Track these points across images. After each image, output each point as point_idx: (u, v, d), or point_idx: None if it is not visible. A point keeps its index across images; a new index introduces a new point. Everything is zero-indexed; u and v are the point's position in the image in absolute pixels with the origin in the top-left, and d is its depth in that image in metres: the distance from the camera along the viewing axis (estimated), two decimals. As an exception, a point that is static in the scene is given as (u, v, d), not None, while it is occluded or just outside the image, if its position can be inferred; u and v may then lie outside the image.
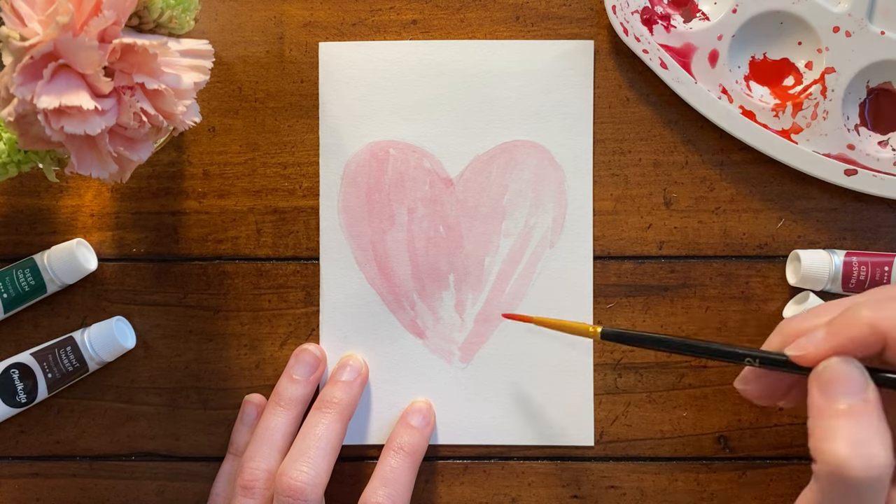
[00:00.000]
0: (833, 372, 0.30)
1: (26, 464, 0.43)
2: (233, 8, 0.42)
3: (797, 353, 0.31)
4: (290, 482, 0.36)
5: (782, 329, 0.34)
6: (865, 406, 0.29)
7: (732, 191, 0.42)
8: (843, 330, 0.30)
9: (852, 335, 0.30)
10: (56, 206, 0.42)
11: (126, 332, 0.42)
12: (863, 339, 0.29)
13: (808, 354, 0.31)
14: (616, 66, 0.42)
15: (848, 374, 0.29)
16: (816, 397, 0.30)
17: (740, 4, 0.40)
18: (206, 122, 0.42)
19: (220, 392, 0.42)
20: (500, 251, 0.42)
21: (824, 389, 0.30)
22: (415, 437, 0.40)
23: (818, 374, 0.30)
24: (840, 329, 0.30)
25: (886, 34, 0.40)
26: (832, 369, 0.30)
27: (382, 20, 0.42)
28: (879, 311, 0.29)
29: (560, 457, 0.42)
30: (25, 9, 0.30)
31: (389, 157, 0.42)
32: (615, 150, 0.42)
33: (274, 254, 0.42)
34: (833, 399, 0.29)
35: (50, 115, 0.29)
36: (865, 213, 0.42)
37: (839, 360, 0.30)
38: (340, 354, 0.42)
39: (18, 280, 0.40)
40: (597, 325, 0.36)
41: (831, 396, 0.29)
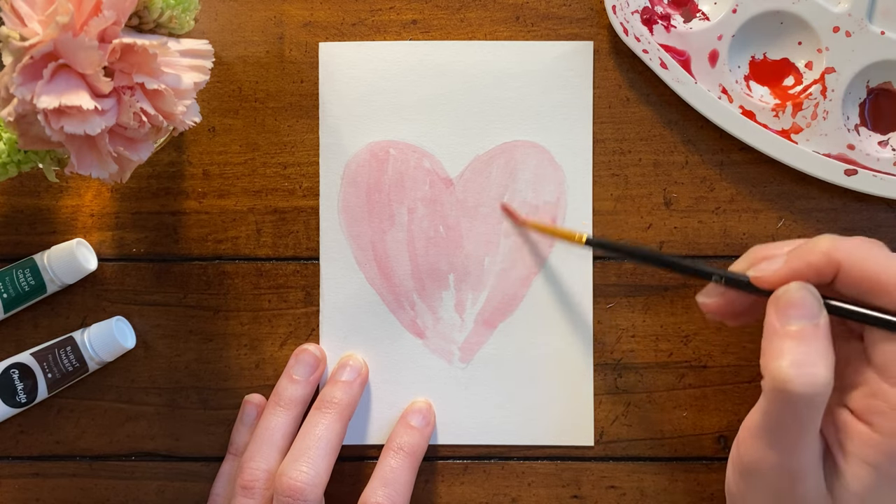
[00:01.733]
0: (790, 296, 0.32)
1: (26, 464, 0.43)
2: (233, 8, 0.42)
3: (758, 274, 0.33)
4: (289, 482, 0.36)
5: (749, 253, 0.36)
6: (815, 330, 0.31)
7: (732, 191, 0.42)
8: (802, 255, 0.32)
9: (809, 261, 0.32)
10: (56, 206, 0.42)
11: (126, 332, 0.42)
12: (818, 265, 0.31)
13: (767, 277, 0.33)
14: (616, 66, 0.42)
15: (803, 299, 0.31)
16: (772, 318, 0.32)
17: (740, 4, 0.40)
18: (206, 122, 0.42)
19: (220, 392, 0.42)
20: (500, 251, 0.42)
21: (780, 312, 0.32)
22: (415, 437, 0.40)
23: (777, 297, 0.32)
24: (799, 255, 0.32)
25: (886, 34, 0.40)
26: (790, 293, 0.32)
27: (382, 20, 0.42)
28: (836, 241, 0.32)
29: (560, 457, 0.42)
30: (25, 9, 0.30)
31: (389, 157, 0.42)
32: (615, 150, 0.42)
33: (274, 254, 0.42)
34: (786, 321, 0.31)
35: (50, 115, 0.29)
36: (865, 213, 0.42)
37: (798, 285, 0.32)
38: (340, 354, 0.42)
39: (18, 280, 0.40)
40: (581, 233, 0.39)
41: (785, 318, 0.31)
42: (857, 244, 0.32)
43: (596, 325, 0.42)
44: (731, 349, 0.42)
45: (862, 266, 0.31)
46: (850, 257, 0.31)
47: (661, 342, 0.42)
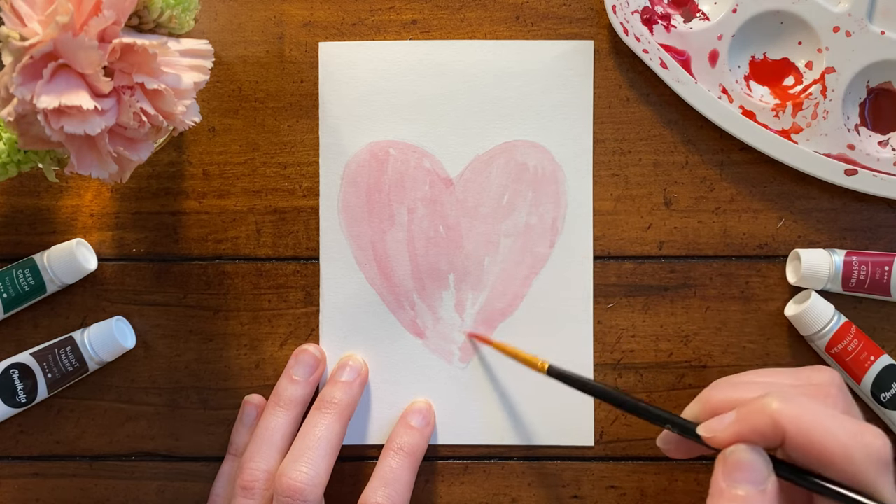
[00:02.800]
0: (738, 458, 0.30)
1: (26, 464, 0.43)
2: (233, 8, 0.42)
3: (706, 434, 0.32)
4: (289, 482, 0.36)
5: (701, 398, 0.34)
6: (761, 497, 0.30)
7: (732, 191, 0.42)
8: (749, 418, 0.30)
9: (756, 425, 0.30)
10: (56, 206, 0.42)
11: (126, 332, 0.42)
12: (764, 430, 0.30)
13: (716, 438, 0.31)
14: (616, 66, 0.42)
15: (751, 462, 0.30)
16: (719, 479, 0.30)
17: (740, 4, 0.40)
18: (206, 122, 0.42)
19: (220, 392, 0.42)
20: (500, 251, 0.42)
21: (727, 473, 0.30)
22: (414, 438, 0.40)
23: (724, 456, 0.31)
24: (746, 417, 0.31)
25: (886, 34, 0.40)
26: (737, 455, 0.30)
27: (382, 20, 0.42)
28: (785, 405, 0.30)
29: (560, 457, 0.42)
30: (25, 9, 0.30)
31: (389, 157, 0.42)
32: (615, 150, 0.42)
33: (274, 254, 0.42)
34: (733, 484, 0.30)
35: (50, 115, 0.29)
36: (865, 213, 0.42)
37: (746, 447, 0.30)
38: (340, 354, 0.42)
39: (18, 280, 0.40)
40: (544, 361, 0.37)
41: (732, 481, 0.30)
42: (804, 410, 0.29)
43: (596, 325, 0.42)
44: (731, 349, 0.42)
45: (808, 436, 0.29)
46: (795, 426, 0.29)
47: (661, 342, 0.42)
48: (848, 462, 0.28)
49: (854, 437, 0.29)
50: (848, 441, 0.29)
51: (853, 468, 0.28)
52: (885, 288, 0.40)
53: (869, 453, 0.28)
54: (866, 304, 0.42)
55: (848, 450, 0.28)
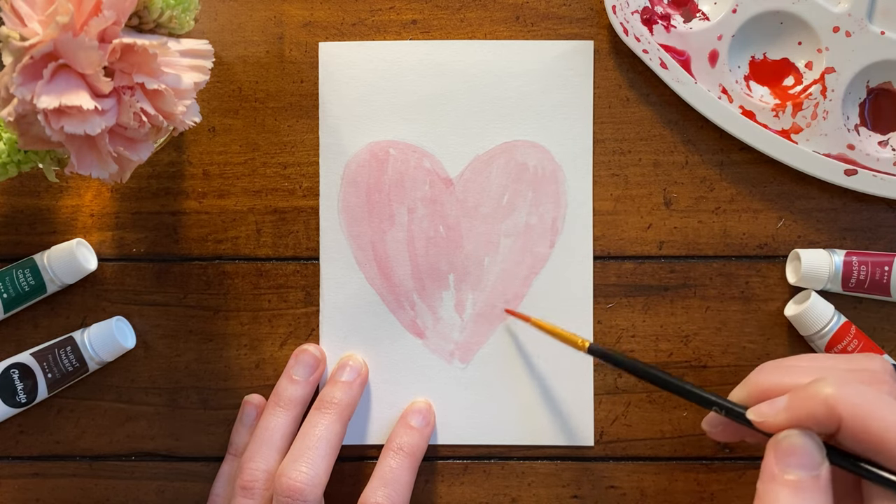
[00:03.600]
0: (791, 443, 0.30)
1: (26, 464, 0.43)
2: (233, 8, 0.42)
3: (758, 419, 0.31)
4: (289, 482, 0.36)
5: (749, 382, 0.34)
6: (815, 482, 0.29)
7: (732, 191, 0.42)
8: (803, 404, 0.30)
9: (810, 410, 0.30)
10: (56, 206, 0.42)
11: (126, 332, 0.42)
12: (820, 417, 0.29)
13: (767, 422, 0.31)
14: (616, 66, 0.42)
15: (804, 447, 0.30)
16: (771, 463, 0.30)
17: (740, 4, 0.40)
18: (206, 122, 0.42)
19: (220, 392, 0.42)
20: (500, 251, 0.42)
21: (780, 458, 0.30)
22: (414, 438, 0.40)
23: (777, 441, 0.30)
24: (800, 403, 0.30)
25: (886, 34, 0.40)
26: (791, 440, 0.30)
27: (382, 20, 0.42)
28: (840, 391, 0.29)
29: (560, 457, 0.42)
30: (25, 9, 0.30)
31: (389, 157, 0.42)
32: (615, 150, 0.42)
33: (274, 254, 0.42)
34: (785, 469, 0.30)
35: (50, 115, 0.29)
36: (865, 213, 0.42)
37: (799, 432, 0.30)
38: (340, 354, 0.42)
39: (18, 280, 0.40)
40: (585, 339, 0.37)
41: (784, 466, 0.30)
42: (860, 397, 0.29)
43: (596, 325, 0.42)
44: (731, 349, 0.42)
45: (865, 424, 0.29)
46: (853, 413, 0.29)
47: (661, 342, 0.42)
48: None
49: None
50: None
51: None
52: (884, 288, 0.40)
53: None
54: (866, 304, 0.42)
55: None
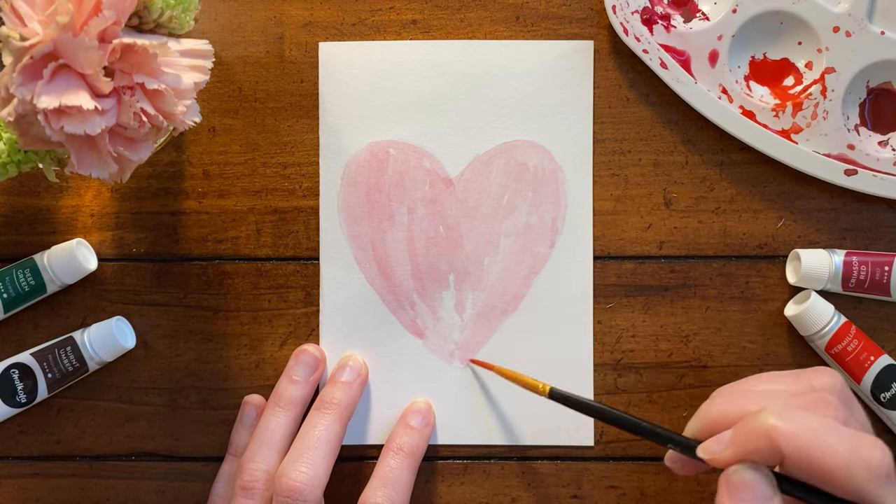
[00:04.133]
0: (740, 478, 0.30)
1: (26, 464, 0.43)
2: (233, 8, 0.42)
3: (707, 456, 0.31)
4: (289, 483, 0.36)
5: (700, 414, 0.34)
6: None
7: (732, 191, 0.42)
8: (746, 439, 0.30)
9: (753, 446, 0.29)
10: (56, 206, 0.42)
11: (126, 332, 0.42)
12: (763, 450, 0.29)
13: (716, 459, 0.31)
14: (616, 66, 0.42)
15: (753, 482, 0.30)
16: (724, 498, 0.30)
17: (740, 4, 0.40)
18: (206, 122, 0.42)
19: (220, 392, 0.42)
20: (500, 251, 0.42)
21: (731, 493, 0.30)
22: (414, 438, 0.40)
23: (727, 476, 0.30)
24: (743, 438, 0.30)
25: (886, 34, 0.40)
26: (740, 475, 0.30)
27: (382, 20, 0.42)
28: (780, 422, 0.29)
29: (560, 457, 0.42)
30: (25, 9, 0.30)
31: (389, 157, 0.42)
32: (615, 150, 0.42)
33: (274, 254, 0.42)
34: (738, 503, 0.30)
35: (50, 115, 0.29)
36: (865, 213, 0.42)
37: (747, 467, 0.30)
38: (340, 355, 0.42)
39: (18, 280, 0.40)
40: (545, 384, 0.37)
41: (737, 501, 0.30)
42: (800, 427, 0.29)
43: (596, 325, 0.42)
44: (731, 349, 0.42)
45: (807, 454, 0.28)
46: (793, 445, 0.28)
47: (661, 342, 0.42)
48: (848, 478, 0.28)
49: (852, 453, 0.28)
50: (846, 457, 0.28)
51: (854, 483, 0.28)
52: (884, 288, 0.40)
53: (869, 467, 0.28)
54: (866, 304, 0.42)
55: (847, 466, 0.28)
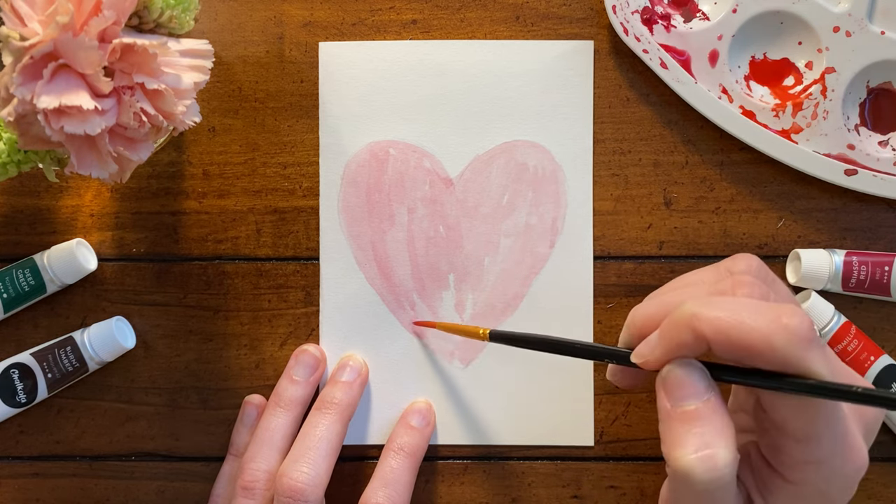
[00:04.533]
0: (674, 376, 0.30)
1: (26, 464, 0.43)
2: (233, 8, 0.42)
3: (639, 360, 0.31)
4: (290, 483, 0.36)
5: (627, 323, 0.33)
6: (707, 407, 0.29)
7: (732, 191, 0.42)
8: (670, 334, 0.30)
9: (678, 340, 0.29)
10: (56, 206, 0.42)
11: (126, 332, 0.42)
12: (689, 342, 0.29)
13: (648, 363, 0.31)
14: (616, 66, 0.42)
15: (688, 377, 0.29)
16: (663, 401, 0.30)
17: (740, 4, 0.40)
18: (206, 122, 0.42)
19: (220, 392, 0.42)
20: (500, 251, 0.42)
21: (668, 393, 0.30)
22: (415, 438, 0.40)
23: (662, 378, 0.30)
24: (668, 335, 0.30)
25: (886, 34, 0.40)
26: (673, 374, 0.30)
27: (382, 20, 0.42)
28: (699, 310, 0.29)
29: (560, 457, 0.42)
30: (25, 9, 0.30)
31: (389, 157, 0.42)
32: (615, 150, 0.42)
33: (274, 254, 0.42)
34: (676, 402, 0.29)
35: (50, 115, 0.29)
36: (865, 213, 0.42)
37: (678, 364, 0.30)
38: (340, 354, 0.42)
39: (18, 280, 0.40)
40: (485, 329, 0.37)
41: (675, 400, 0.29)
42: (718, 309, 0.29)
43: (596, 325, 0.42)
44: (731, 349, 0.42)
45: (727, 334, 0.28)
46: (714, 328, 0.28)
47: (661, 342, 0.42)
48: (771, 348, 0.27)
49: (771, 323, 0.28)
50: (765, 328, 0.28)
51: (778, 353, 0.27)
52: (885, 288, 0.40)
53: (789, 334, 0.27)
54: (866, 304, 0.42)
55: (767, 337, 0.27)
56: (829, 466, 0.29)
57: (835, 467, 0.29)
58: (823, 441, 0.29)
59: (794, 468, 0.30)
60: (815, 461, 0.29)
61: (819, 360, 0.28)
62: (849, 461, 0.30)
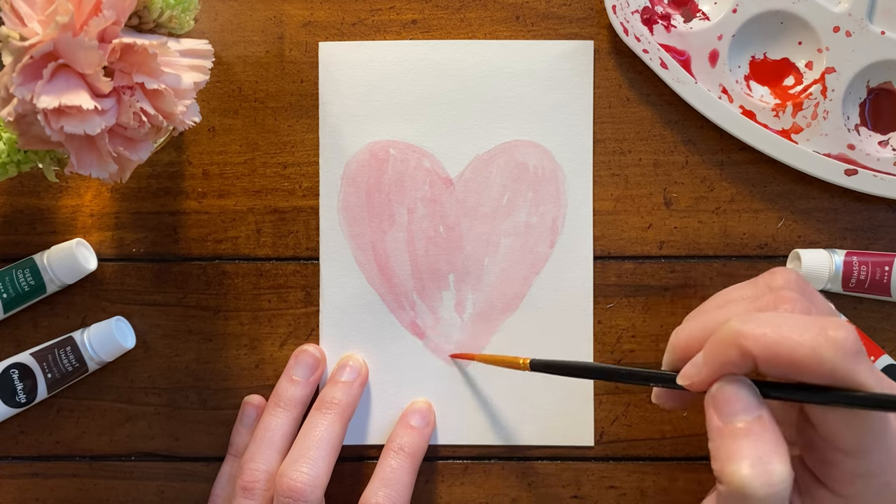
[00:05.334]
0: (725, 394, 0.30)
1: (26, 464, 0.43)
2: (233, 8, 0.42)
3: (686, 382, 0.31)
4: (290, 483, 0.36)
5: (670, 346, 0.34)
6: (760, 423, 0.29)
7: (732, 191, 0.42)
8: (717, 355, 0.30)
9: (725, 359, 0.29)
10: (56, 206, 0.42)
11: (126, 332, 0.42)
12: (736, 360, 0.29)
13: (695, 382, 0.31)
14: (616, 66, 0.42)
15: (738, 394, 0.29)
16: (713, 419, 0.30)
17: (740, 4, 0.40)
18: (206, 122, 0.42)
19: (220, 392, 0.42)
20: (500, 251, 0.42)
21: (719, 410, 0.30)
22: (415, 438, 0.40)
23: (712, 396, 0.30)
24: (714, 355, 0.30)
25: (886, 34, 0.40)
26: (723, 391, 0.30)
27: (382, 20, 0.42)
28: (744, 328, 0.29)
29: (560, 457, 0.42)
30: (25, 9, 0.30)
31: (389, 157, 0.42)
32: (615, 150, 0.42)
33: (274, 254, 0.42)
34: (728, 419, 0.29)
35: (50, 115, 0.29)
36: (865, 213, 0.42)
37: (727, 381, 0.30)
38: (340, 354, 0.42)
39: (18, 280, 0.40)
40: (525, 358, 0.37)
41: (727, 418, 0.29)
42: (763, 326, 0.29)
43: (596, 325, 0.42)
44: (732, 349, 0.42)
45: (775, 352, 0.28)
46: (760, 346, 0.28)
47: (661, 342, 0.42)
48: (818, 362, 0.27)
49: (817, 337, 0.28)
50: (812, 342, 0.28)
51: (826, 366, 0.27)
52: (885, 288, 0.40)
53: (836, 347, 0.27)
54: (866, 304, 0.42)
55: (814, 350, 0.27)
56: (879, 479, 0.29)
57: (885, 480, 0.29)
58: (873, 454, 0.29)
59: (843, 481, 0.30)
60: (865, 474, 0.29)
61: (867, 372, 0.28)
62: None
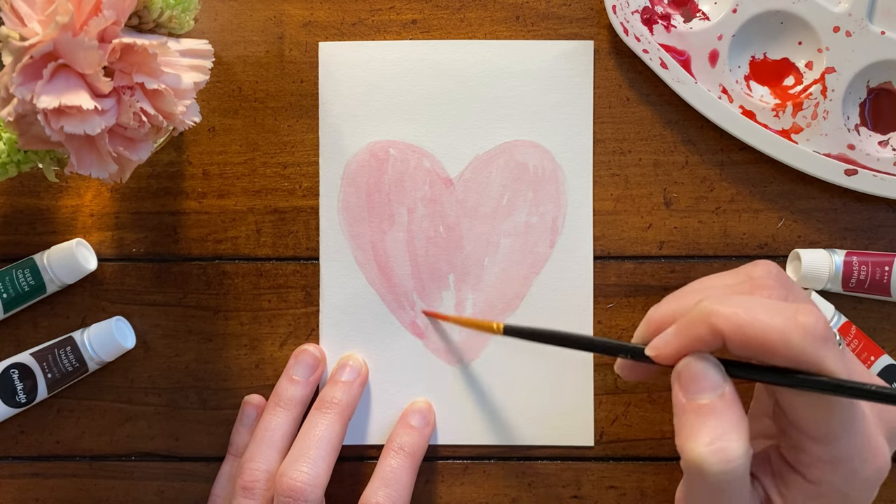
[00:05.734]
0: (689, 370, 0.30)
1: (26, 464, 0.43)
2: (233, 8, 0.42)
3: (652, 353, 0.32)
4: (290, 483, 0.36)
5: (647, 318, 0.34)
6: (722, 401, 0.29)
7: (732, 191, 0.42)
8: (687, 329, 0.30)
9: (695, 334, 0.30)
10: (56, 206, 0.42)
11: (126, 332, 0.42)
12: (704, 337, 0.30)
13: (662, 355, 0.31)
14: (616, 66, 0.42)
15: (703, 371, 0.30)
16: (678, 394, 0.30)
17: (740, 4, 0.40)
18: (206, 122, 0.42)
19: (220, 392, 0.42)
20: (500, 251, 0.42)
21: (683, 386, 0.30)
22: (415, 438, 0.40)
23: (678, 372, 0.31)
24: (685, 328, 0.30)
25: (887, 34, 0.40)
26: (689, 368, 0.30)
27: (382, 20, 0.42)
28: (718, 306, 0.29)
29: (560, 457, 0.42)
30: (25, 9, 0.30)
31: (389, 157, 0.42)
32: (615, 150, 0.42)
33: (274, 254, 0.42)
34: (691, 396, 0.30)
35: (50, 115, 0.29)
36: (865, 213, 0.42)
37: (694, 358, 0.30)
38: (340, 354, 0.42)
39: (18, 280, 0.40)
40: (499, 322, 0.37)
41: (689, 393, 0.30)
42: (736, 307, 0.29)
43: (596, 325, 0.42)
44: (731, 349, 0.42)
45: (744, 331, 0.29)
46: (730, 324, 0.29)
47: (661, 342, 0.42)
48: (786, 345, 0.28)
49: (787, 320, 0.28)
50: (782, 325, 0.28)
51: (793, 349, 0.28)
52: (885, 288, 0.40)
53: (805, 331, 0.28)
54: (866, 304, 0.42)
55: (783, 334, 0.28)
56: (847, 466, 0.29)
57: (854, 467, 0.30)
58: (842, 440, 0.29)
59: (812, 467, 0.30)
60: (833, 460, 0.29)
61: (834, 359, 0.28)
62: (868, 462, 0.30)
